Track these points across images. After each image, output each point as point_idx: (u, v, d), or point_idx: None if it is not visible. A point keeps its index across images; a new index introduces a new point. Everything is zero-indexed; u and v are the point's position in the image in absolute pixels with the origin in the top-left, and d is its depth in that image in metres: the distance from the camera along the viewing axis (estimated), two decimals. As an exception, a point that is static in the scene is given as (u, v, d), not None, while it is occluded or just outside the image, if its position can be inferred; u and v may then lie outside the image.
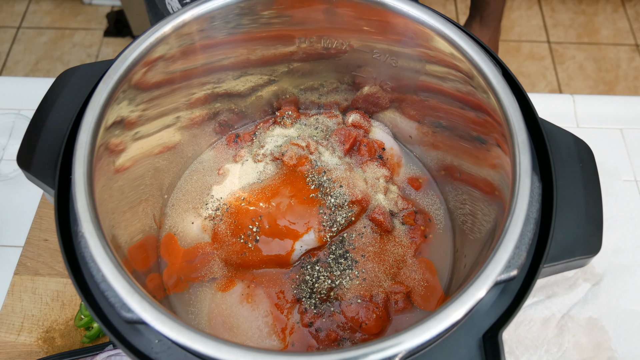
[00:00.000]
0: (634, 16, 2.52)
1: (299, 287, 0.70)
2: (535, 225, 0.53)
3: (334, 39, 0.70)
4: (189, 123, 0.75)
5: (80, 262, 0.52)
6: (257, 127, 0.84)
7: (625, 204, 0.92)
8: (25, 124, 1.00)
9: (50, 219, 0.90)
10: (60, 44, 2.43)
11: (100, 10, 2.52)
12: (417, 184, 0.80)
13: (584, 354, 0.79)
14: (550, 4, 2.57)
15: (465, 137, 0.68)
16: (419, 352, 0.49)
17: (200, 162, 0.82)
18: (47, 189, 0.57)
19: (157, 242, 0.75)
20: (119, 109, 0.58)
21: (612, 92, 2.28)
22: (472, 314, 0.51)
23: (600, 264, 0.86)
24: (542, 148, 0.58)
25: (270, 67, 0.75)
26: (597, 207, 0.57)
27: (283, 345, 0.67)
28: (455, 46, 0.59)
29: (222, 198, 0.76)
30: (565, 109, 1.06)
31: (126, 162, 0.63)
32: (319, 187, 0.73)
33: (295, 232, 0.70)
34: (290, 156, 0.75)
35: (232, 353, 0.43)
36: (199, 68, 0.69)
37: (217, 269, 0.72)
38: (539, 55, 2.40)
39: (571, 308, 0.82)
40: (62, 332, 0.81)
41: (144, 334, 0.50)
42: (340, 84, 0.79)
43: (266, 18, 0.67)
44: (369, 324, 0.67)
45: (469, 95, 0.62)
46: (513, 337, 0.80)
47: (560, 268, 0.55)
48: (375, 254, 0.72)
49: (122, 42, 2.42)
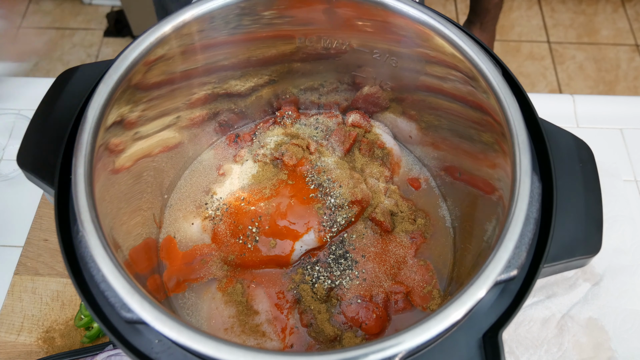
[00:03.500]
0: (634, 16, 2.52)
1: (299, 287, 0.70)
2: (535, 225, 0.53)
3: (334, 39, 0.70)
4: (189, 123, 0.75)
5: (80, 262, 0.52)
6: (257, 127, 0.84)
7: (625, 204, 0.92)
8: (25, 124, 1.00)
9: (50, 219, 0.90)
10: (60, 44, 2.43)
11: (100, 10, 2.52)
12: (417, 184, 0.80)
13: (584, 354, 0.79)
14: (550, 4, 2.57)
15: (465, 137, 0.68)
16: (419, 352, 0.49)
17: (200, 162, 0.82)
18: (47, 189, 0.57)
19: (157, 244, 0.75)
20: (119, 109, 0.58)
21: (612, 92, 2.28)
22: (472, 314, 0.51)
23: (600, 264, 0.86)
24: (542, 148, 0.58)
25: (270, 67, 0.75)
26: (597, 207, 0.57)
27: (283, 345, 0.67)
28: (455, 46, 0.59)
29: (222, 198, 0.76)
30: (565, 109, 1.06)
31: (126, 162, 0.63)
32: (319, 187, 0.73)
33: (295, 232, 0.70)
34: (290, 156, 0.75)
35: (232, 353, 0.43)
36: (199, 68, 0.69)
37: (216, 270, 0.72)
38: (539, 55, 2.40)
39: (571, 308, 0.82)
40: (62, 332, 0.81)
41: (144, 334, 0.50)
42: (340, 84, 0.79)
43: (266, 18, 0.67)
44: (369, 324, 0.67)
45: (469, 96, 0.62)
46: (513, 337, 0.80)
47: (560, 268, 0.55)
48: (376, 254, 0.72)
49: (122, 42, 2.42)
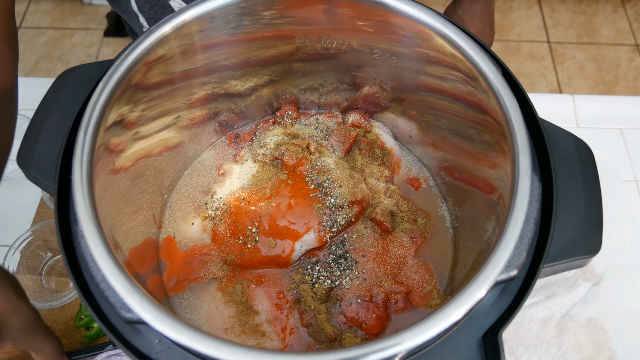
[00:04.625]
0: (634, 16, 2.52)
1: (299, 287, 0.70)
2: (535, 225, 0.53)
3: (334, 39, 0.70)
4: (189, 123, 0.75)
5: (80, 262, 0.52)
6: (257, 127, 0.84)
7: (625, 204, 0.92)
8: (25, 124, 1.00)
9: (50, 219, 0.90)
10: (60, 44, 2.43)
11: (100, 10, 2.52)
12: (417, 184, 0.80)
13: (584, 354, 0.79)
14: (550, 4, 2.57)
15: (465, 137, 0.68)
16: (419, 352, 0.49)
17: (200, 162, 0.82)
18: (47, 189, 0.57)
19: (157, 244, 0.75)
20: (119, 109, 0.58)
21: (612, 92, 2.28)
22: (472, 314, 0.51)
23: (600, 264, 0.86)
24: (542, 148, 0.58)
25: (270, 67, 0.75)
26: (597, 207, 0.57)
27: (283, 345, 0.68)
28: (455, 46, 0.59)
29: (222, 198, 0.76)
30: (565, 109, 1.06)
31: (126, 162, 0.63)
32: (319, 187, 0.73)
33: (295, 232, 0.70)
34: (290, 156, 0.75)
35: (232, 353, 0.43)
36: (199, 68, 0.69)
37: (216, 270, 0.72)
38: (539, 55, 2.40)
39: (571, 308, 0.82)
40: (62, 332, 0.81)
41: (144, 334, 0.50)
42: (340, 84, 0.79)
43: (266, 18, 0.67)
44: (369, 324, 0.67)
45: (469, 95, 0.62)
46: (513, 337, 0.80)
47: (560, 268, 0.55)
48: (376, 254, 0.72)
49: (122, 42, 2.42)
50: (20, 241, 0.83)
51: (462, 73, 0.61)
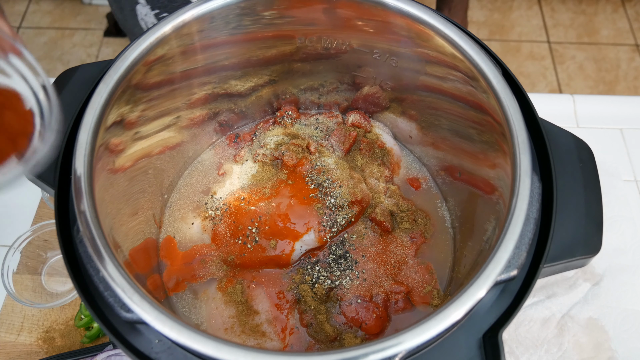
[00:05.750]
0: (634, 16, 2.52)
1: (299, 288, 0.70)
2: (535, 225, 0.53)
3: (334, 39, 0.70)
4: (189, 123, 0.75)
5: (80, 262, 0.52)
6: (257, 127, 0.84)
7: (625, 204, 0.92)
8: (25, 124, 1.00)
9: (50, 219, 0.90)
10: (60, 44, 2.43)
11: (100, 10, 2.52)
12: (417, 184, 0.80)
13: (584, 354, 0.79)
14: (550, 4, 2.57)
15: (465, 137, 0.68)
16: (419, 352, 0.49)
17: (200, 162, 0.82)
18: (47, 189, 0.57)
19: (157, 244, 0.75)
20: (119, 109, 0.58)
21: (612, 92, 2.28)
22: (472, 314, 0.51)
23: (600, 264, 0.86)
24: (542, 148, 0.58)
25: (270, 67, 0.75)
26: (597, 207, 0.57)
27: (283, 345, 0.67)
28: (455, 46, 0.59)
29: (222, 198, 0.76)
30: (565, 109, 1.06)
31: (126, 162, 0.63)
32: (319, 187, 0.73)
33: (295, 232, 0.70)
34: (290, 156, 0.75)
35: (232, 353, 0.43)
36: (199, 68, 0.69)
37: (216, 270, 0.72)
38: (539, 55, 2.40)
39: (571, 308, 0.82)
40: (62, 332, 0.81)
41: (144, 334, 0.50)
42: (340, 84, 0.79)
43: (266, 18, 0.67)
44: (369, 324, 0.67)
45: (469, 95, 0.62)
46: (513, 337, 0.80)
47: (560, 268, 0.55)
48: (376, 254, 0.72)
49: (122, 42, 2.41)
50: (20, 241, 0.83)
51: (462, 73, 0.61)
